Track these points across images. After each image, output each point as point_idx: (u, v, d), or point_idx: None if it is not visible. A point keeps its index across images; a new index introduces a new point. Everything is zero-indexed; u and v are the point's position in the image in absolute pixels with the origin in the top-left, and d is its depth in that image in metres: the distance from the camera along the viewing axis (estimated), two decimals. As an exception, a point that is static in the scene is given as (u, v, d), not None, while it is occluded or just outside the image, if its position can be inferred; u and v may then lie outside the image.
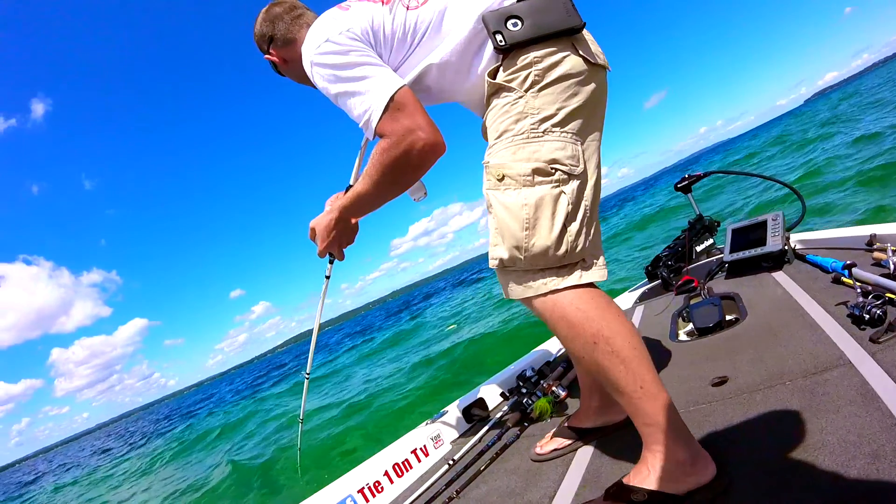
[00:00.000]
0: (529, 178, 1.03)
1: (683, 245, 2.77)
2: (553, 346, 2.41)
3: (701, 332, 1.81)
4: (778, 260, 2.12)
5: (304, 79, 1.40)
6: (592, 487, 1.22)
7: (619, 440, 1.37)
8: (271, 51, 1.40)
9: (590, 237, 1.08)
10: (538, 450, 1.50)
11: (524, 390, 1.87)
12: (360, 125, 1.09)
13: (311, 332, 1.89)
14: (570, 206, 1.04)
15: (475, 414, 2.02)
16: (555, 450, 1.46)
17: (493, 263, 1.12)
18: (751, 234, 2.27)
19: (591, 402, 1.43)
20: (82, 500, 11.46)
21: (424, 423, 2.07)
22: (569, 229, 1.04)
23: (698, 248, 2.80)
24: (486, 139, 1.22)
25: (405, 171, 1.08)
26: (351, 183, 1.49)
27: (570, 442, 1.45)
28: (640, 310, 2.51)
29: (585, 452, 1.40)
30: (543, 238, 1.02)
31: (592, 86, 1.09)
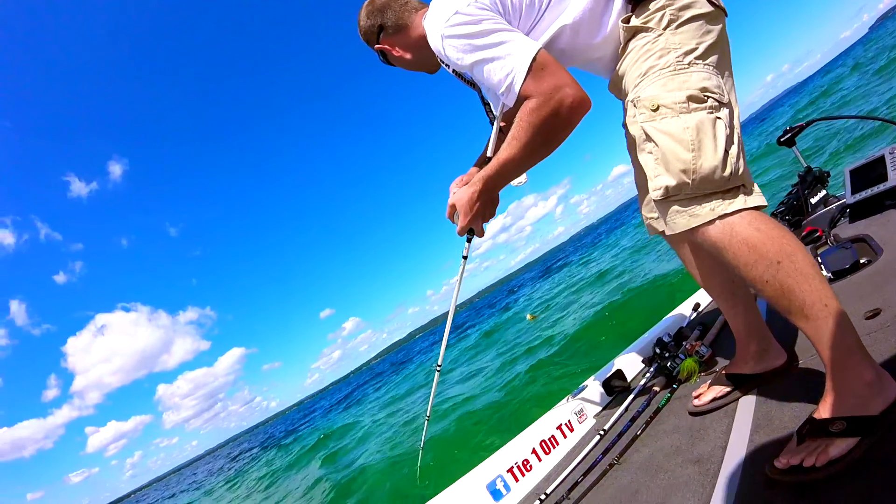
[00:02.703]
0: (685, 104, 1.04)
1: (798, 198, 2.67)
2: (686, 310, 2.36)
3: (837, 275, 1.78)
4: None
5: (418, 64, 1.46)
6: (766, 431, 1.19)
7: (783, 385, 1.34)
8: (381, 41, 1.41)
9: (746, 163, 1.08)
10: (696, 402, 1.47)
11: (666, 354, 1.86)
12: (501, 91, 1.10)
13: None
14: (728, 130, 1.05)
15: (616, 385, 2.04)
16: (714, 399, 1.43)
17: (657, 195, 1.10)
18: (870, 173, 2.18)
19: (748, 348, 1.40)
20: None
21: (565, 399, 2.11)
22: (730, 151, 1.03)
23: (812, 201, 2.69)
24: (616, 93, 1.26)
25: (555, 129, 1.08)
26: (489, 154, 1.46)
27: (728, 390, 1.42)
28: None
29: (748, 401, 1.36)
30: (710, 158, 1.02)
31: (720, 25, 1.13)
